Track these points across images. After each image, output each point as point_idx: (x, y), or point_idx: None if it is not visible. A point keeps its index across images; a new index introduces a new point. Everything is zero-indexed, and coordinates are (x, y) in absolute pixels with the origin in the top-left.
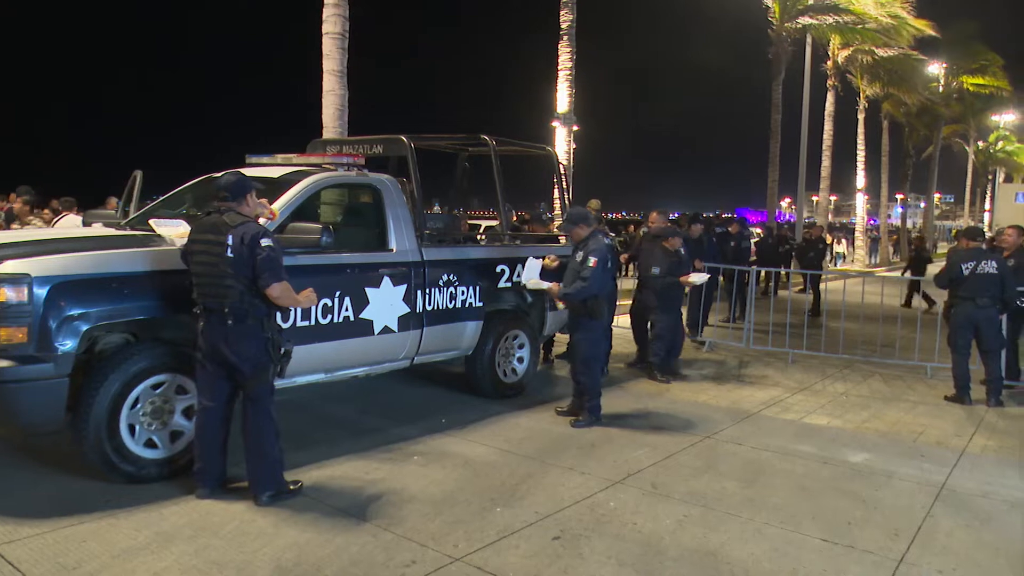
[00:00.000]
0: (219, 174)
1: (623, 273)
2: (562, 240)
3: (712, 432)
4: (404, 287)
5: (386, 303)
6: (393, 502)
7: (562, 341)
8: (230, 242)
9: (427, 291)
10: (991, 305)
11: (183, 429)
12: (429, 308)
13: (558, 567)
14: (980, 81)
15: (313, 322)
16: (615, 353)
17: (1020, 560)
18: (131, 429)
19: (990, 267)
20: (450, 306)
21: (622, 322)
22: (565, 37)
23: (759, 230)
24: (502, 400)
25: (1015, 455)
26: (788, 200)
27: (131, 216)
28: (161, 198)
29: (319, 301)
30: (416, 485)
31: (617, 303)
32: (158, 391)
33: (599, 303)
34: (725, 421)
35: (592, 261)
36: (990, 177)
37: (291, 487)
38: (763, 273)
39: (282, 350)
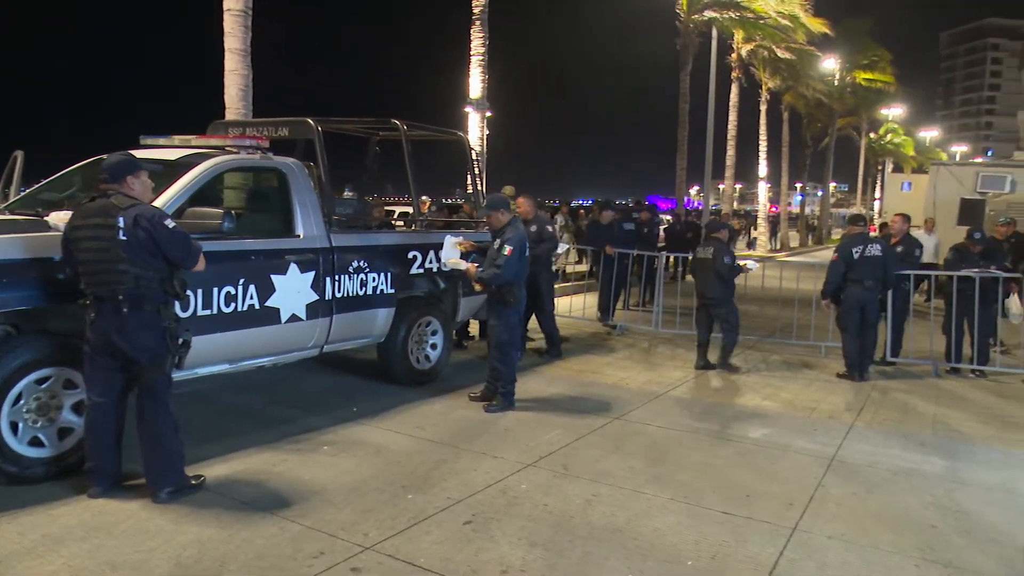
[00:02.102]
0: (108, 156)
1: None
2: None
3: (622, 413)
4: (312, 274)
5: (293, 290)
6: (302, 493)
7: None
8: (121, 224)
9: (336, 278)
10: (876, 287)
11: (73, 426)
12: (339, 295)
13: (470, 550)
14: (871, 76)
15: (215, 311)
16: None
17: (900, 523)
18: (13, 427)
19: (875, 251)
20: (361, 293)
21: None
22: (477, 22)
23: (668, 217)
24: (415, 387)
25: (898, 427)
26: (696, 188)
27: (11, 200)
28: (45, 181)
29: (222, 289)
30: (326, 475)
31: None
32: (44, 386)
33: (513, 290)
34: (635, 402)
35: (508, 249)
36: (880, 167)
37: (193, 482)
38: (671, 258)
39: (180, 340)
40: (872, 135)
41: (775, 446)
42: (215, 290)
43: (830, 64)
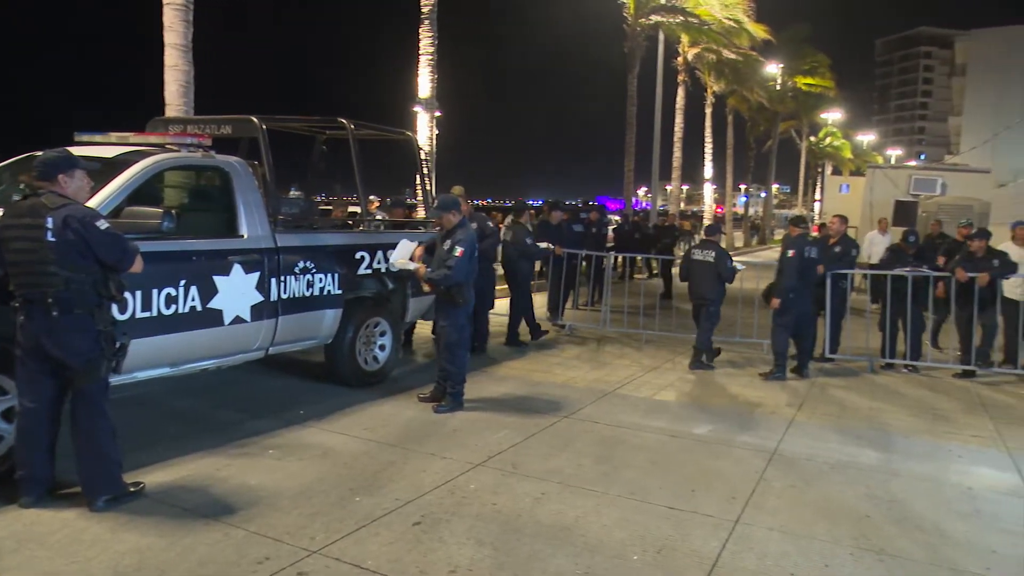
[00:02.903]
0: (43, 152)
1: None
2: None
3: (571, 412)
4: (257, 275)
5: (237, 291)
6: (246, 498)
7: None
8: (50, 225)
9: (282, 279)
10: (810, 289)
11: (3, 433)
12: (284, 296)
13: (419, 551)
14: (811, 81)
15: (155, 313)
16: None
17: (837, 514)
18: None
19: (812, 252)
20: (307, 294)
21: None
22: (426, 21)
23: (617, 217)
24: (364, 388)
25: (836, 421)
26: (645, 189)
27: None
28: None
29: (162, 290)
30: (271, 479)
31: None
32: None
33: (463, 290)
34: (583, 400)
35: (459, 250)
36: (820, 170)
37: (131, 489)
38: (620, 258)
39: (117, 344)
40: (812, 138)
41: (719, 442)
42: (155, 291)
43: (772, 69)
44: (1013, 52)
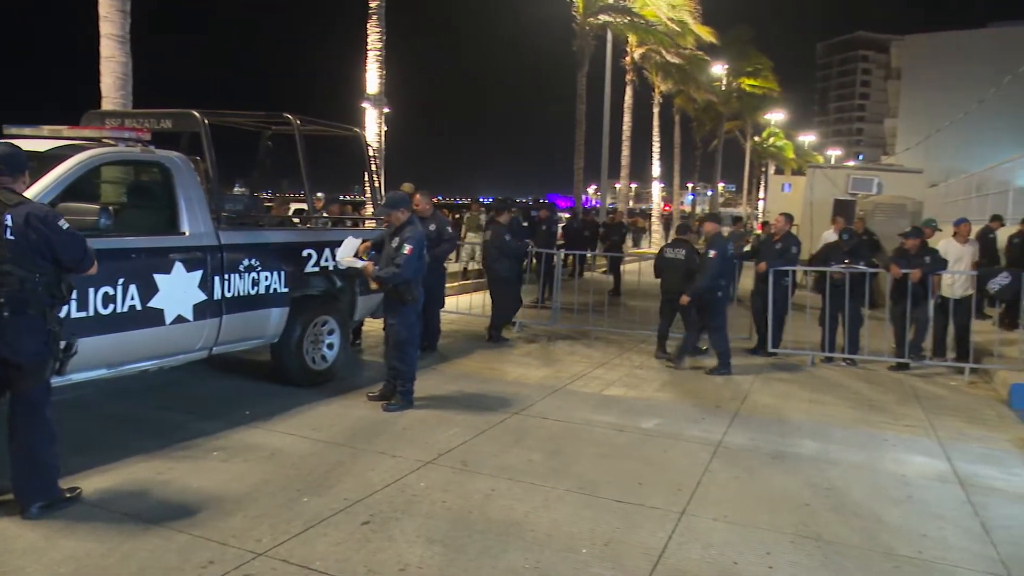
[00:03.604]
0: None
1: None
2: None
3: (522, 408)
4: (199, 273)
5: (179, 290)
6: (190, 502)
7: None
8: (9, 223)
9: (226, 277)
10: (727, 285)
11: None
12: (228, 295)
13: (368, 551)
14: (754, 82)
15: (92, 312)
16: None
17: (778, 503)
18: None
19: (731, 249)
20: (252, 292)
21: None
22: (375, 16)
23: (567, 215)
24: (312, 388)
25: (778, 413)
26: (594, 187)
27: None
28: None
29: (99, 289)
30: (216, 482)
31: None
32: None
33: (412, 288)
34: (534, 396)
35: (407, 248)
36: (763, 169)
37: (67, 495)
38: (570, 256)
39: (64, 344)
40: (756, 138)
41: (666, 435)
42: (91, 291)
43: (717, 70)
44: (945, 57)
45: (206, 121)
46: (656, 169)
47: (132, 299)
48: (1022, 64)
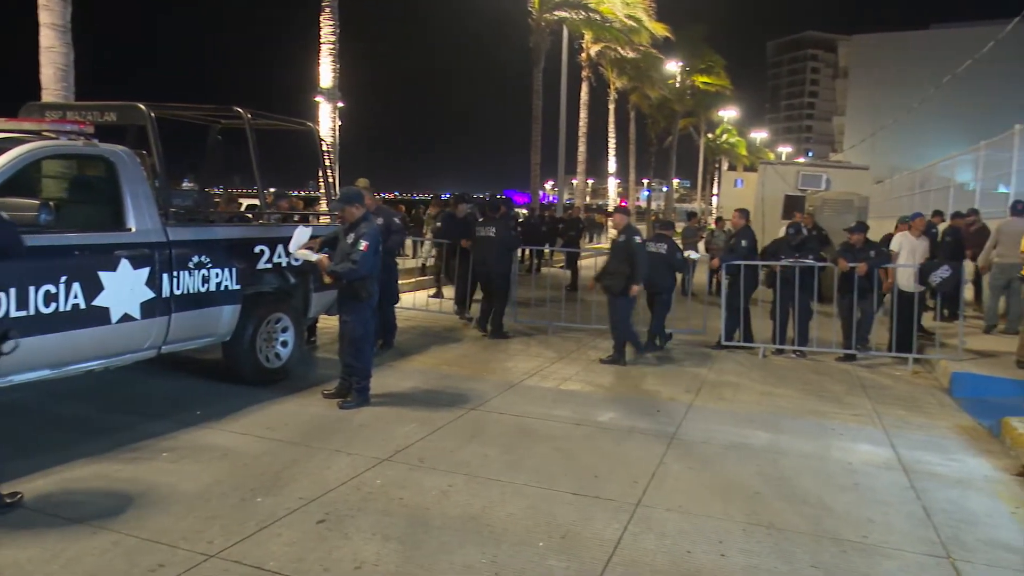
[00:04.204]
0: None
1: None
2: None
3: (479, 404)
4: (147, 270)
5: (125, 288)
6: (139, 504)
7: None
8: None
9: (175, 274)
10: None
11: None
12: (178, 292)
13: (323, 550)
14: (708, 80)
15: (32, 311)
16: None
17: (730, 492)
18: None
19: (661, 248)
20: (202, 290)
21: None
22: (328, 8)
23: (524, 210)
24: (266, 386)
25: (730, 405)
26: (552, 182)
27: None
28: None
29: (40, 287)
30: (166, 483)
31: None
32: None
33: (367, 285)
34: (491, 392)
35: (363, 244)
36: (717, 165)
37: (8, 500)
38: (527, 251)
39: (6, 340)
40: (710, 135)
41: (622, 428)
42: (32, 289)
43: (672, 67)
44: (889, 57)
45: (152, 114)
46: (612, 165)
47: (75, 297)
48: (962, 65)
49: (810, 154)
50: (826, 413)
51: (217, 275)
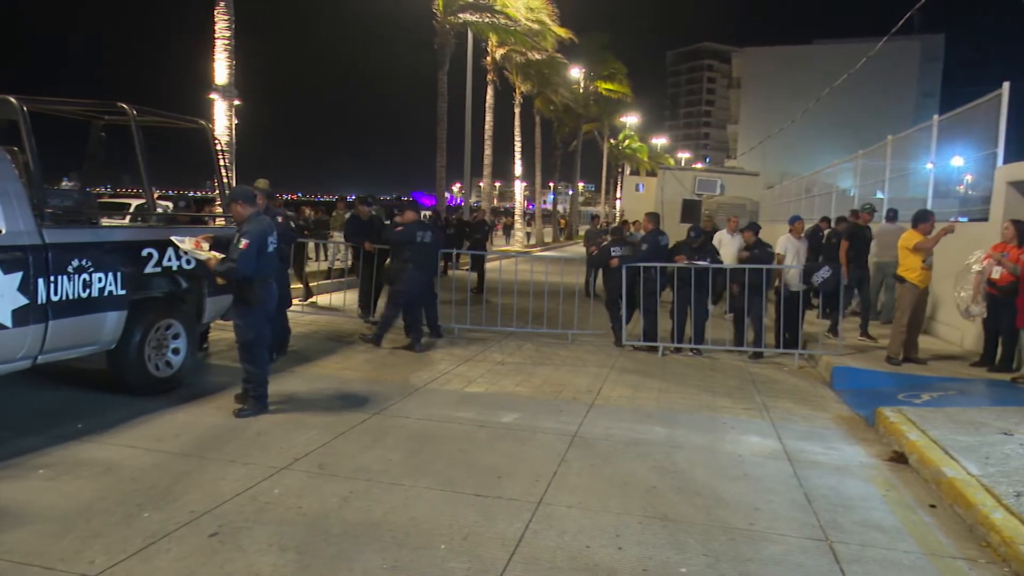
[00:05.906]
0: None
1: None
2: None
3: (382, 408)
4: (19, 275)
5: None
6: (11, 525)
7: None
8: None
9: (52, 279)
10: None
11: None
12: (55, 298)
13: (215, 563)
14: (610, 87)
15: None
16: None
17: (628, 487)
18: None
19: (427, 238)
20: (84, 295)
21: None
22: (222, 2)
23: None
24: (155, 396)
25: (630, 403)
26: (459, 185)
27: None
28: None
29: None
30: (42, 501)
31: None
32: None
33: (252, 287)
34: (395, 396)
35: (243, 243)
36: (620, 170)
37: None
38: None
39: None
40: (613, 140)
41: (525, 428)
42: None
43: (575, 73)
44: (777, 69)
45: (25, 108)
46: (519, 168)
47: None
48: (840, 78)
49: (708, 160)
50: (719, 408)
51: (100, 279)
